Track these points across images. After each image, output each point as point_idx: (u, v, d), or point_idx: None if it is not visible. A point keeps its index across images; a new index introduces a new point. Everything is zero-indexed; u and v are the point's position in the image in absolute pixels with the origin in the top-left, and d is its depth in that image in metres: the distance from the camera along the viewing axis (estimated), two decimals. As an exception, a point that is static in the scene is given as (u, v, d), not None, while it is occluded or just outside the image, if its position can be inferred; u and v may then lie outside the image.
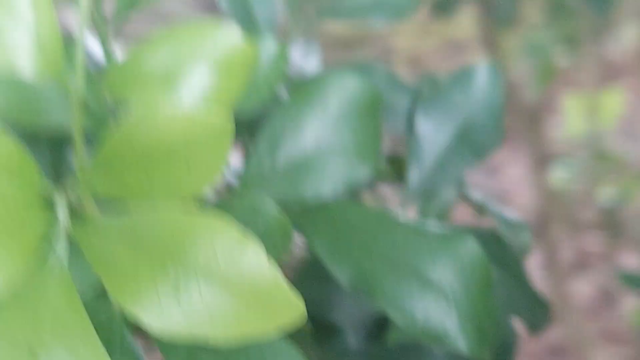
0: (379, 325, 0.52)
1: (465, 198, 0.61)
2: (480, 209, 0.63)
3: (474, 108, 0.54)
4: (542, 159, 1.69)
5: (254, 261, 0.30)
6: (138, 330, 0.40)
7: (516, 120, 1.64)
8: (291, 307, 0.30)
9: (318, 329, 0.51)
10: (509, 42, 1.69)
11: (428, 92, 0.54)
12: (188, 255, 0.30)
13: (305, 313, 0.30)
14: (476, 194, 0.62)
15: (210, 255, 0.30)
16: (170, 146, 0.34)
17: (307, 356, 0.47)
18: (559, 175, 1.81)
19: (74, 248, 0.33)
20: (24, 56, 0.41)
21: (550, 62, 1.69)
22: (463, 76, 0.54)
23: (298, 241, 0.54)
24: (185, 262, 0.30)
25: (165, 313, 0.29)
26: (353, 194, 0.54)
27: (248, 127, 0.50)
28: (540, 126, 1.77)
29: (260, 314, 0.30)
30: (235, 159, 0.58)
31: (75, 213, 0.35)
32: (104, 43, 0.47)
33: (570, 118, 2.06)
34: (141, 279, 0.30)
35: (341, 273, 0.43)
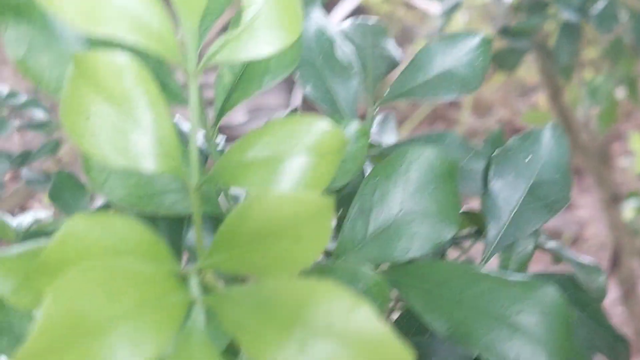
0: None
1: (542, 247, 0.65)
2: (556, 256, 0.67)
3: (543, 166, 0.59)
4: (614, 196, 1.71)
5: (366, 320, 0.35)
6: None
7: (586, 159, 1.67)
8: (400, 354, 0.35)
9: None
10: (573, 85, 1.73)
11: (499, 154, 0.59)
12: (309, 317, 0.35)
13: (415, 358, 0.35)
14: (551, 243, 0.67)
15: (329, 317, 0.35)
16: (280, 224, 0.39)
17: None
18: (631, 211, 1.83)
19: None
20: (146, 153, 0.46)
21: (613, 102, 1.72)
22: (530, 137, 0.59)
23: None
24: (307, 323, 0.35)
25: (294, 369, 0.35)
26: (439, 251, 0.59)
27: (338, 198, 0.55)
28: (610, 164, 1.79)
29: (375, 364, 0.35)
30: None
31: (203, 286, 0.41)
32: (209, 138, 0.53)
33: (639, 155, 2.08)
34: (270, 341, 0.35)
35: (436, 324, 0.48)
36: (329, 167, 0.44)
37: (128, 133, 0.45)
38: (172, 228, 0.53)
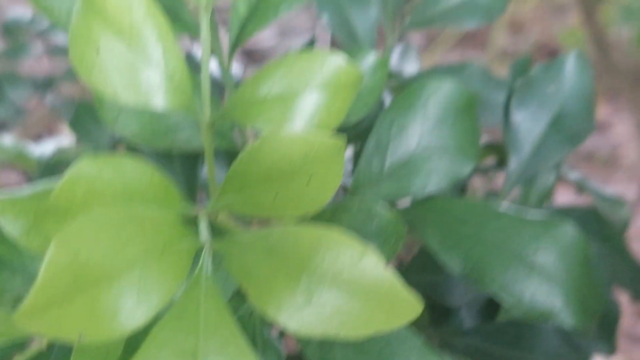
0: (491, 305, 0.56)
1: (564, 179, 0.64)
2: (579, 188, 0.66)
3: (566, 96, 0.58)
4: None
5: (374, 267, 0.35)
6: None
7: (620, 80, 1.64)
8: (410, 305, 0.34)
9: (434, 311, 0.55)
10: (607, 5, 1.69)
11: (521, 84, 0.57)
12: (317, 265, 0.35)
13: (422, 307, 0.34)
14: (574, 174, 0.66)
15: (336, 264, 0.35)
16: (291, 165, 0.39)
17: (426, 337, 0.52)
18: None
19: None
20: (156, 89, 0.46)
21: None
22: (553, 67, 0.57)
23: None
24: (315, 270, 0.35)
25: (299, 316, 0.34)
26: (458, 186, 0.58)
27: (355, 131, 0.54)
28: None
29: (383, 313, 0.34)
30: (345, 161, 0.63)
31: (214, 228, 0.41)
32: (223, 70, 0.52)
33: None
34: (278, 286, 0.35)
35: (452, 262, 0.47)
36: (343, 103, 0.43)
37: (138, 68, 0.44)
38: (187, 165, 0.53)
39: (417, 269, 0.54)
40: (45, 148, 0.80)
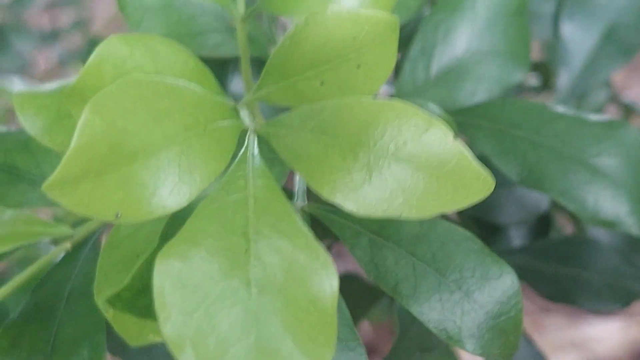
0: (541, 224, 0.52)
1: (614, 100, 0.60)
2: (628, 109, 0.62)
3: (619, 8, 0.54)
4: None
5: (440, 140, 0.31)
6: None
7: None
8: (479, 180, 0.31)
9: (481, 229, 0.52)
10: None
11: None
12: (376, 138, 0.32)
13: (494, 183, 0.31)
14: (625, 97, 0.62)
15: (399, 137, 0.31)
16: (339, 46, 0.35)
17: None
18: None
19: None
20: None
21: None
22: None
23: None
24: (374, 145, 0.32)
25: (359, 194, 0.31)
26: (508, 95, 0.54)
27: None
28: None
29: (450, 189, 0.31)
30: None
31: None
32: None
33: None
34: (333, 166, 0.32)
35: (508, 168, 0.44)
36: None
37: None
38: (216, 72, 0.49)
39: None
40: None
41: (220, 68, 0.50)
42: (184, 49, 0.36)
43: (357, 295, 0.58)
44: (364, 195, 0.31)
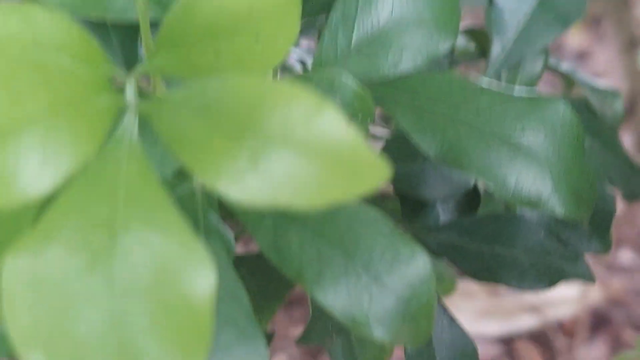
0: (470, 199, 0.50)
1: (553, 68, 0.58)
2: (568, 79, 0.60)
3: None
4: (632, 41, 1.63)
5: (332, 125, 0.29)
6: (227, 214, 0.40)
7: (604, 3, 1.58)
8: (375, 169, 0.29)
9: (407, 205, 0.49)
10: None
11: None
12: (263, 123, 0.29)
13: (390, 173, 0.29)
14: (564, 65, 0.60)
15: (287, 122, 0.29)
16: (235, 17, 0.33)
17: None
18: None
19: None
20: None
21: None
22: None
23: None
24: (260, 130, 0.29)
25: (244, 183, 0.29)
26: (434, 66, 0.52)
27: (319, 2, 0.48)
28: (629, 8, 1.70)
29: (343, 178, 0.29)
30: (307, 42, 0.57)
31: (145, 94, 0.35)
32: None
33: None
34: (217, 151, 0.29)
35: (427, 144, 0.41)
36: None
37: None
38: (124, 38, 0.46)
39: (390, 154, 0.48)
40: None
41: (132, 32, 0.47)
42: (67, 18, 0.33)
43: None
44: (249, 184, 0.29)
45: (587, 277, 0.48)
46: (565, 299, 1.22)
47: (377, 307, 0.37)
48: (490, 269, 0.47)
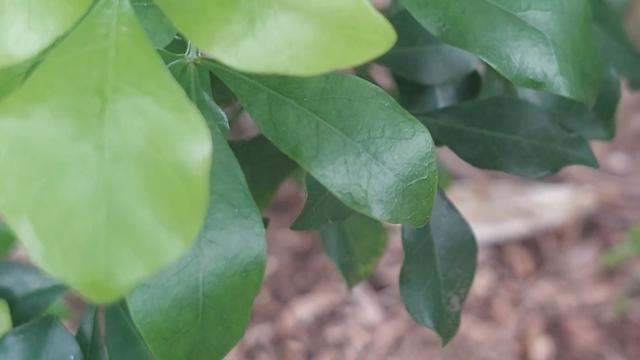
0: (470, 84, 0.49)
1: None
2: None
3: None
4: None
5: (334, -15, 0.27)
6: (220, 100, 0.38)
7: None
8: (378, 32, 0.27)
9: (404, 89, 0.48)
10: None
11: None
12: (261, -17, 0.27)
13: (394, 37, 0.27)
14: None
15: (285, -18, 0.27)
16: None
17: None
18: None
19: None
20: None
21: None
22: None
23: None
24: (257, -9, 0.27)
25: (240, 47, 0.27)
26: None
27: None
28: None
29: (345, 42, 0.27)
30: None
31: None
32: None
33: None
34: (211, 14, 0.27)
35: (428, 21, 0.39)
36: None
37: None
38: None
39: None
40: None
41: None
42: None
43: (280, 155, 0.55)
44: (246, 48, 0.27)
45: (591, 162, 0.46)
46: (556, 203, 1.21)
47: (376, 185, 0.36)
48: (491, 155, 0.46)
